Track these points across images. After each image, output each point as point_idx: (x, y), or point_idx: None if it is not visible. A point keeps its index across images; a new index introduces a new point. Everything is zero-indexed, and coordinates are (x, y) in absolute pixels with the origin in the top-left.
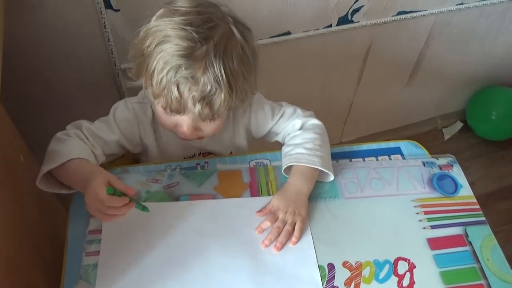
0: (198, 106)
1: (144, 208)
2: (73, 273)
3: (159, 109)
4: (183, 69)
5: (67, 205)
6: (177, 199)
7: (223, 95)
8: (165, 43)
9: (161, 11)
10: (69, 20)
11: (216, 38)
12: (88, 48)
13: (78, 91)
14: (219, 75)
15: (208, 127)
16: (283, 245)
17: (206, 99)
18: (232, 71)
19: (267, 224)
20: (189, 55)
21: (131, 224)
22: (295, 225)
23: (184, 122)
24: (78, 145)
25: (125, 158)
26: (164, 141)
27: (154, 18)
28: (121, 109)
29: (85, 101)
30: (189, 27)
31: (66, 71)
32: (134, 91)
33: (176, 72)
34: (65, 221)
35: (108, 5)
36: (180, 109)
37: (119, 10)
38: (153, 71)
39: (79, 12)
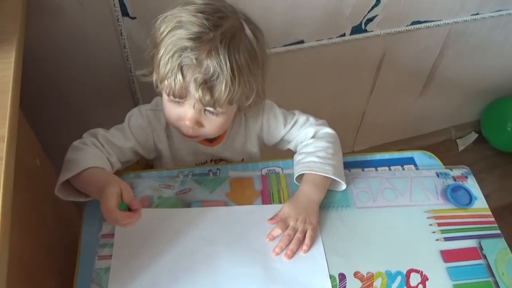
0: (200, 91)
1: None
2: (86, 276)
3: (164, 97)
4: (189, 50)
5: (81, 208)
6: (189, 205)
7: (224, 81)
8: (176, 29)
9: (177, 7)
10: (86, 27)
11: (225, 27)
12: (104, 55)
13: (93, 96)
14: (223, 60)
15: (210, 124)
16: (294, 253)
17: (207, 84)
18: (237, 61)
19: (277, 231)
20: (197, 39)
21: (143, 229)
22: (306, 233)
23: (186, 113)
24: (94, 153)
25: (139, 163)
26: (177, 148)
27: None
28: (136, 117)
29: (100, 107)
30: (201, 14)
31: (81, 77)
32: (148, 97)
33: (182, 53)
34: (79, 225)
35: (125, 13)
36: (182, 94)
37: (135, 18)
38: (162, 55)
39: (97, 20)
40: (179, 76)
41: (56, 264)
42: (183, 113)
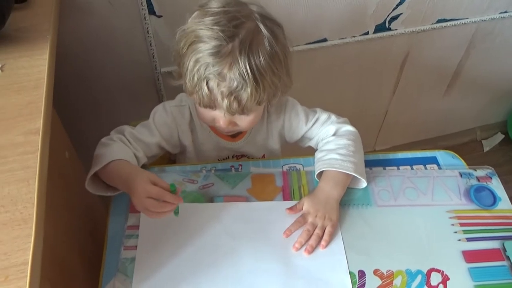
0: (227, 101)
1: (176, 212)
2: (112, 265)
3: (197, 105)
4: (211, 66)
5: (107, 200)
6: (211, 199)
7: (249, 90)
8: (196, 44)
9: (194, 14)
10: (115, 25)
11: (242, 36)
12: (131, 52)
13: (119, 93)
14: (244, 71)
15: (243, 121)
16: (313, 248)
17: (233, 94)
18: (258, 66)
19: (296, 226)
20: (216, 53)
21: (167, 222)
22: (325, 229)
23: (219, 117)
24: (120, 148)
25: (162, 157)
26: (200, 143)
27: (189, 20)
28: (160, 113)
29: (126, 103)
30: (216, 27)
31: (109, 74)
32: (173, 93)
33: (205, 70)
34: (104, 216)
35: (151, 11)
36: (211, 104)
37: (161, 16)
38: (187, 70)
39: (125, 18)
40: (206, 90)
41: (83, 251)
42: (216, 115)
